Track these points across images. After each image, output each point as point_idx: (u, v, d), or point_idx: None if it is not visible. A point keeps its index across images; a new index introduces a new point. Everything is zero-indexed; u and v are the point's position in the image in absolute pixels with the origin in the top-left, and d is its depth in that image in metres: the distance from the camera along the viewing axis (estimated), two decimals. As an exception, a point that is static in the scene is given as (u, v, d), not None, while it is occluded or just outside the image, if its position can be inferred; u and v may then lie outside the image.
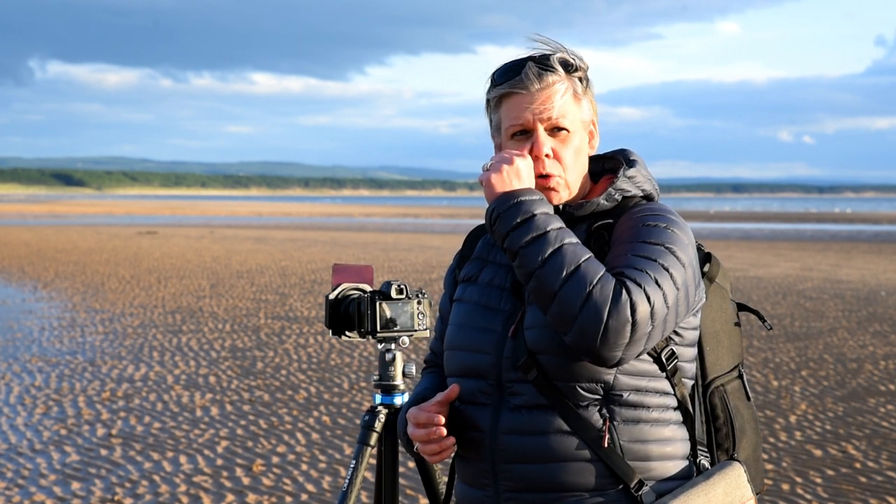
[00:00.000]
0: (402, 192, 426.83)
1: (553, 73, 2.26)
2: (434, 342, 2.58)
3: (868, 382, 10.23)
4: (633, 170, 2.33)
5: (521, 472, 2.22)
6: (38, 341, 12.75)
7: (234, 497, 6.54)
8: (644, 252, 2.15)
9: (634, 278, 2.10)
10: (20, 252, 29.04)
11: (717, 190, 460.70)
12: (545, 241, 2.12)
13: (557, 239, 2.12)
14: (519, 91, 2.26)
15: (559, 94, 2.26)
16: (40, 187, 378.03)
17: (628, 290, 2.08)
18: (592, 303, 2.06)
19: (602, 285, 2.08)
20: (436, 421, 2.27)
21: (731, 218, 73.78)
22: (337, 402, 9.25)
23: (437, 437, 2.27)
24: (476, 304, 2.35)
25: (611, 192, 2.29)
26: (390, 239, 38.60)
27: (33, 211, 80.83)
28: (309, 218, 70.68)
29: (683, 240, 2.20)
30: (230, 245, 33.20)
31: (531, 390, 2.21)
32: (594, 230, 2.27)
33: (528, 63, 2.27)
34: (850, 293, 18.78)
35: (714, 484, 2.21)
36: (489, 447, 2.26)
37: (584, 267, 2.09)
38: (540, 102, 2.25)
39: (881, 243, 38.32)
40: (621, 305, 2.06)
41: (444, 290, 2.55)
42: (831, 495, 6.63)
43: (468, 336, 2.33)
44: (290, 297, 17.66)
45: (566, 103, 2.27)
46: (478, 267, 2.41)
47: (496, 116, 2.33)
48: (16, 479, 6.88)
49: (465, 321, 2.35)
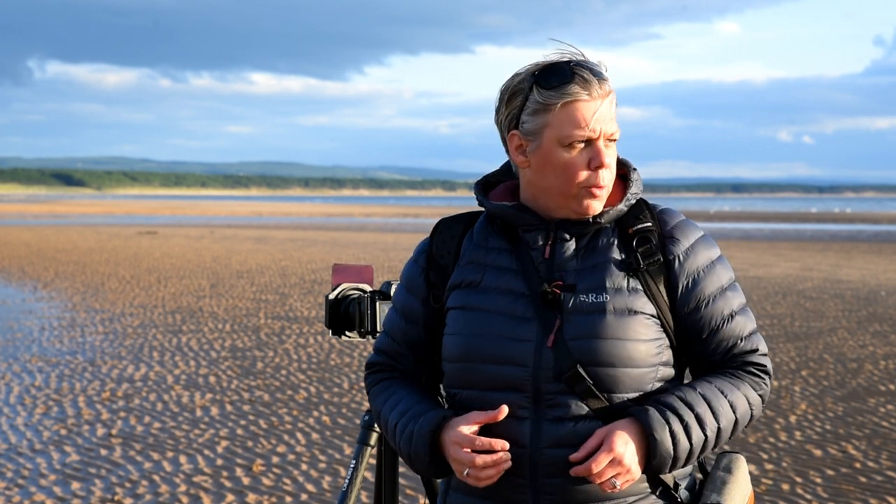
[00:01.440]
0: (402, 192, 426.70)
1: (607, 82, 2.21)
2: (388, 344, 2.40)
3: (868, 382, 10.23)
4: (636, 172, 2.33)
5: (566, 484, 2.18)
6: (38, 341, 12.75)
7: (234, 497, 6.54)
8: (736, 303, 2.29)
9: (760, 352, 2.30)
10: (20, 252, 29.04)
11: (717, 190, 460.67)
12: (708, 444, 2.21)
13: (710, 429, 2.20)
14: (583, 99, 2.18)
15: (614, 104, 2.23)
16: (40, 187, 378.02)
17: (765, 372, 2.30)
18: (755, 418, 2.31)
19: (754, 405, 2.28)
20: (499, 447, 2.16)
21: (731, 218, 73.78)
22: (337, 402, 9.25)
23: (502, 461, 2.16)
24: (489, 311, 2.24)
25: (629, 197, 2.28)
26: (390, 239, 38.59)
27: (33, 211, 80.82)
28: (309, 218, 70.67)
29: (720, 252, 2.35)
30: (230, 245, 33.20)
31: (574, 401, 2.17)
32: (633, 233, 2.25)
33: (584, 69, 2.20)
34: (850, 293, 18.78)
35: (736, 478, 2.29)
36: (530, 462, 2.20)
37: (739, 416, 2.24)
38: (602, 113, 2.19)
39: (881, 243, 38.32)
40: (767, 392, 2.32)
41: (405, 288, 2.39)
42: (831, 495, 6.63)
43: (493, 346, 2.22)
44: (290, 297, 17.66)
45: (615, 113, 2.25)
46: (478, 271, 2.29)
47: (541, 120, 2.20)
48: (16, 479, 6.88)
49: (482, 331, 2.24)
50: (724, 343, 2.26)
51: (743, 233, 47.24)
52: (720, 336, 2.26)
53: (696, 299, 2.25)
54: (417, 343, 2.36)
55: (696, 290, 2.25)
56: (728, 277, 2.30)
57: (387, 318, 2.43)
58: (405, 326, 2.37)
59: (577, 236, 2.26)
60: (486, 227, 2.34)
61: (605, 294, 2.20)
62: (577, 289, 2.21)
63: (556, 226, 2.26)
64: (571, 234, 2.26)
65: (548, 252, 2.25)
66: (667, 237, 2.26)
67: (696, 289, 2.25)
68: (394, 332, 2.39)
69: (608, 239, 2.26)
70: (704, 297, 2.25)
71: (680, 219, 2.30)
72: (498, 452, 2.15)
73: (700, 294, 2.25)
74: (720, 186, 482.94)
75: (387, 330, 2.41)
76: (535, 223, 2.27)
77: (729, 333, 2.26)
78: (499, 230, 2.31)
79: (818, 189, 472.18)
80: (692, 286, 2.25)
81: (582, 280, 2.22)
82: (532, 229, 2.27)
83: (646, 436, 2.14)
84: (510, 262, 2.27)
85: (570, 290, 2.21)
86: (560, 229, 2.25)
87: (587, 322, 2.18)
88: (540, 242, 2.26)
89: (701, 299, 2.25)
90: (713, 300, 2.25)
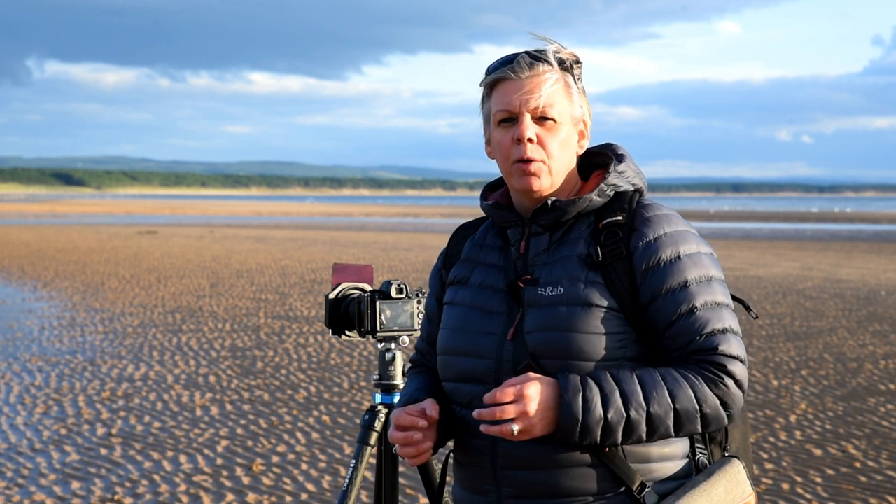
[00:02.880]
0: (401, 192, 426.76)
1: (544, 64, 2.25)
2: (420, 342, 2.54)
3: (868, 382, 10.23)
4: (622, 164, 2.31)
5: (524, 478, 2.21)
6: (38, 341, 12.75)
7: (234, 497, 6.54)
8: (701, 300, 2.19)
9: (720, 351, 2.16)
10: (20, 252, 29.04)
11: (717, 189, 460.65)
12: (632, 424, 2.12)
13: (634, 408, 2.11)
14: (508, 77, 2.25)
15: (549, 83, 2.24)
16: (40, 187, 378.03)
17: (725, 373, 2.16)
18: (710, 420, 2.16)
19: (704, 401, 2.14)
20: (418, 425, 2.24)
21: (731, 217, 73.77)
22: (337, 401, 9.25)
23: (413, 441, 2.25)
24: (470, 307, 2.32)
25: (602, 187, 2.27)
26: (390, 238, 38.59)
27: (33, 210, 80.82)
28: (309, 217, 70.68)
29: (706, 251, 2.25)
30: (230, 244, 33.19)
31: None
32: (603, 226, 2.24)
33: (521, 54, 2.27)
34: (850, 293, 18.78)
35: (715, 482, 2.20)
36: (490, 453, 2.24)
37: (681, 408, 2.13)
38: (527, 90, 2.23)
39: (881, 243, 38.31)
40: (731, 397, 2.16)
41: (429, 289, 2.52)
42: (831, 495, 6.62)
43: (465, 340, 2.29)
44: (290, 296, 17.65)
45: (556, 94, 2.25)
46: (468, 269, 2.38)
47: (487, 106, 2.31)
48: (16, 479, 6.88)
49: (460, 325, 2.32)
50: (681, 338, 2.18)
51: (743, 232, 47.23)
52: (676, 330, 2.18)
53: (654, 291, 2.20)
54: (436, 340, 2.43)
55: (653, 281, 2.20)
56: (699, 274, 2.20)
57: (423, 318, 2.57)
58: (428, 325, 2.50)
59: (552, 229, 2.28)
60: (487, 227, 2.42)
61: (561, 287, 2.21)
62: (538, 282, 2.24)
63: (530, 220, 2.30)
64: (545, 228, 2.28)
65: (523, 247, 2.30)
66: (634, 230, 2.24)
67: (654, 280, 2.20)
68: (423, 330, 2.54)
69: (580, 232, 2.27)
70: (663, 289, 2.19)
71: (656, 213, 2.26)
72: (409, 433, 2.24)
73: (658, 286, 2.20)
74: (720, 186, 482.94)
75: (421, 328, 2.56)
76: (512, 219, 2.32)
77: (686, 328, 2.18)
78: (497, 229, 2.39)
79: (818, 189, 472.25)
80: (651, 278, 2.20)
81: (545, 273, 2.25)
82: (511, 225, 2.33)
83: (558, 396, 2.12)
84: (497, 258, 2.34)
85: (534, 283, 2.25)
86: (533, 223, 2.29)
87: (543, 315, 2.21)
88: (517, 237, 2.32)
89: (658, 291, 2.20)
90: (671, 293, 2.19)
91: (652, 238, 2.22)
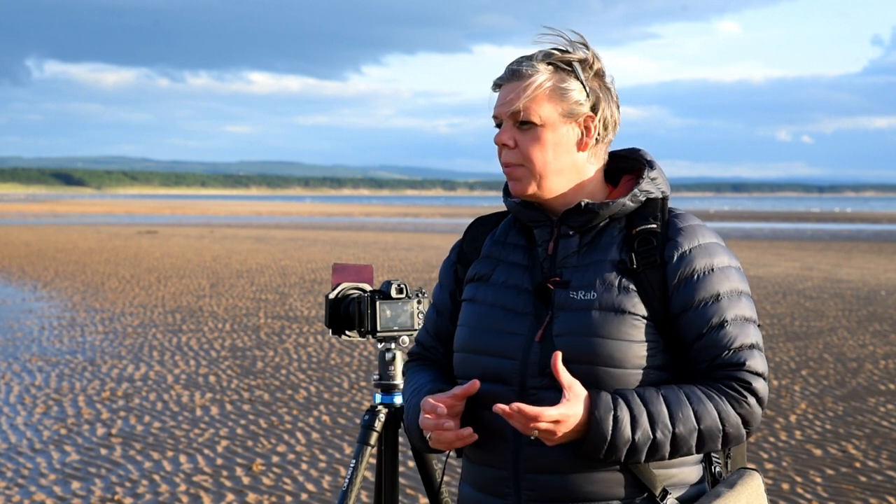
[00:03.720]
0: (401, 192, 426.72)
1: (528, 68, 2.24)
2: (423, 334, 2.49)
3: (868, 382, 10.23)
4: (654, 171, 2.30)
5: (547, 482, 2.19)
6: (38, 341, 12.75)
7: (234, 497, 6.54)
8: (731, 314, 2.19)
9: (746, 367, 2.17)
10: (20, 252, 29.04)
11: (717, 189, 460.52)
12: (657, 445, 2.12)
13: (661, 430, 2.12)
14: (498, 84, 2.29)
15: (531, 87, 2.23)
16: (40, 187, 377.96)
17: (749, 391, 2.17)
18: (731, 438, 2.18)
19: (727, 421, 2.15)
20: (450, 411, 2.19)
21: (732, 217, 73.78)
22: (337, 401, 9.25)
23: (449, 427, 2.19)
24: (492, 305, 2.28)
25: (636, 193, 2.25)
26: (390, 238, 38.59)
27: (33, 210, 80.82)
28: (309, 217, 70.67)
29: (735, 265, 2.25)
30: (230, 244, 33.19)
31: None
32: (637, 233, 2.23)
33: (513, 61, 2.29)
34: (850, 292, 18.78)
35: (738, 494, 2.20)
36: (512, 456, 2.22)
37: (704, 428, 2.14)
38: (508, 97, 2.25)
39: (881, 243, 38.32)
40: (752, 415, 2.18)
41: (439, 281, 2.47)
42: (831, 495, 6.63)
43: (488, 339, 2.26)
44: (290, 296, 17.66)
45: (540, 97, 2.23)
46: (490, 266, 2.33)
47: None
48: (16, 479, 6.88)
49: (481, 323, 2.28)
50: (710, 351, 2.18)
51: (743, 232, 47.24)
52: (705, 342, 2.18)
53: (686, 302, 2.20)
54: (446, 334, 2.41)
55: (686, 293, 2.20)
56: (730, 287, 2.21)
57: (427, 311, 2.53)
58: (436, 318, 2.44)
59: (582, 232, 2.26)
60: (509, 225, 2.38)
61: (594, 292, 2.20)
62: (570, 285, 2.22)
63: (559, 221, 2.27)
64: (575, 230, 2.26)
65: (551, 248, 2.27)
66: (668, 240, 2.23)
67: (686, 292, 2.20)
68: (428, 323, 2.48)
69: (612, 237, 2.25)
70: (695, 301, 2.19)
71: (689, 223, 2.26)
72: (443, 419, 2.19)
73: (690, 297, 2.20)
74: (720, 186, 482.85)
75: (424, 321, 2.51)
76: (540, 219, 2.29)
77: (715, 341, 2.18)
78: (519, 227, 2.36)
79: (818, 188, 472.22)
80: (683, 289, 2.20)
81: (576, 277, 2.23)
82: (539, 225, 2.30)
83: (590, 413, 2.12)
84: (522, 257, 2.31)
85: (564, 286, 2.23)
86: (563, 224, 2.27)
87: (574, 319, 2.19)
88: (545, 238, 2.29)
89: (690, 303, 2.20)
90: (704, 305, 2.19)
91: (687, 249, 2.22)
